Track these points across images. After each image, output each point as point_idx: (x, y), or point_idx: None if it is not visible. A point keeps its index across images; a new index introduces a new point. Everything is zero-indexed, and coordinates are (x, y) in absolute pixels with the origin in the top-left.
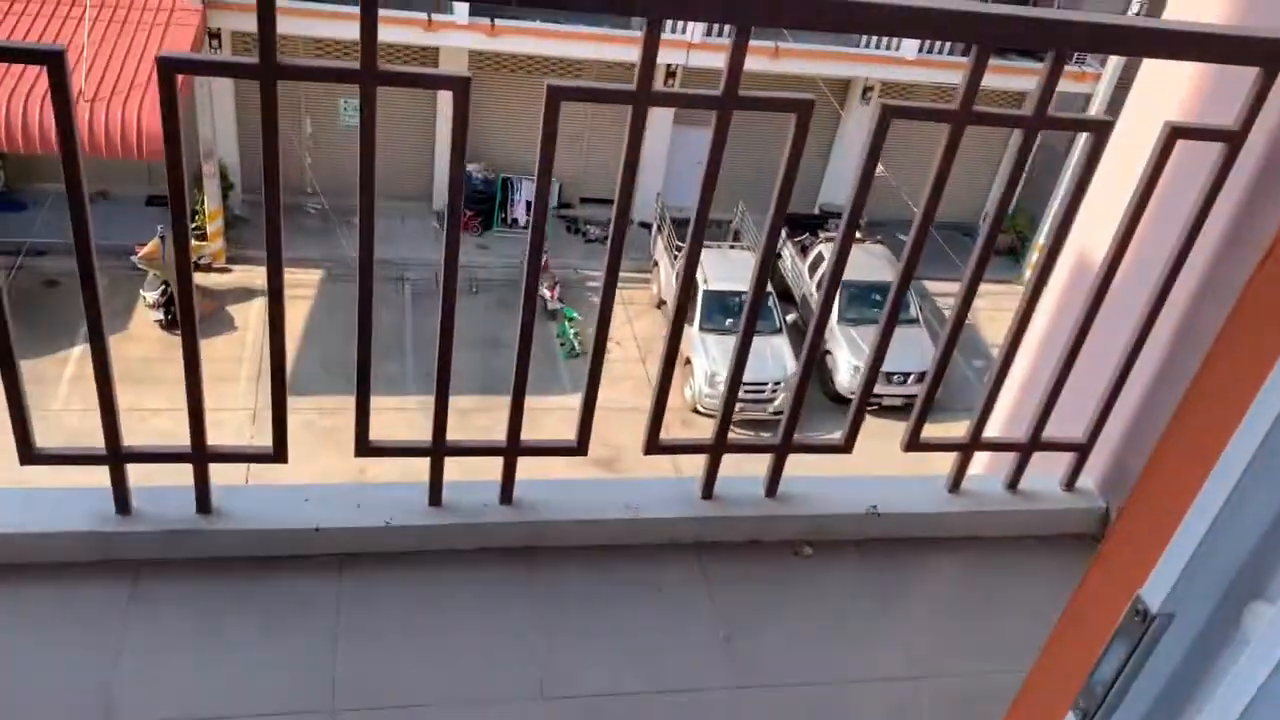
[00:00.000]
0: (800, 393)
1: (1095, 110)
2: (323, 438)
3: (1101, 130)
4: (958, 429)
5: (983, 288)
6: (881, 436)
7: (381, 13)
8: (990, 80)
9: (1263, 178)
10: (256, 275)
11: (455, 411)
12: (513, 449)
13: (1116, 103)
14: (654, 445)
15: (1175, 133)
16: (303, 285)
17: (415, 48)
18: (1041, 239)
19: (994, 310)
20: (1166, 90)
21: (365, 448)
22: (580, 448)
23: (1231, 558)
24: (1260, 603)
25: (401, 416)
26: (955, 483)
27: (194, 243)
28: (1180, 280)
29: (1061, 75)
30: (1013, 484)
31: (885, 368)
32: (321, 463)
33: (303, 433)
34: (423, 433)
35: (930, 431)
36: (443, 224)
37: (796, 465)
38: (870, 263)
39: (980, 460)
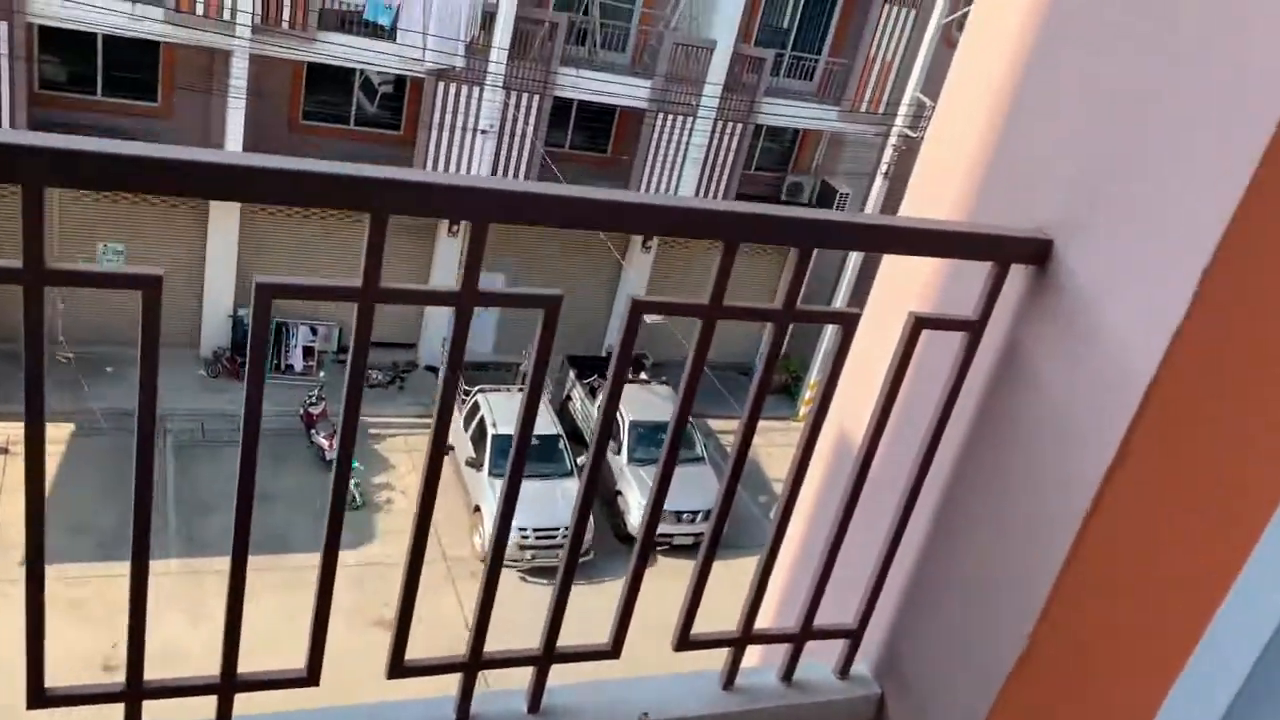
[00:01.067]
0: (565, 587)
1: (840, 303)
2: (69, 611)
3: (849, 322)
4: (747, 565)
5: (760, 424)
6: (671, 576)
7: None
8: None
9: (1001, 363)
10: None
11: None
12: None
13: (860, 294)
14: (398, 668)
15: (920, 322)
16: (49, 441)
17: None
18: (814, 377)
19: (771, 446)
20: (910, 282)
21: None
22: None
23: None
24: None
25: (164, 580)
26: (729, 679)
27: None
28: (936, 463)
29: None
30: (787, 675)
31: (673, 506)
32: (64, 642)
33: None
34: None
35: (719, 572)
36: (211, 372)
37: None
38: (656, 403)
39: (756, 648)
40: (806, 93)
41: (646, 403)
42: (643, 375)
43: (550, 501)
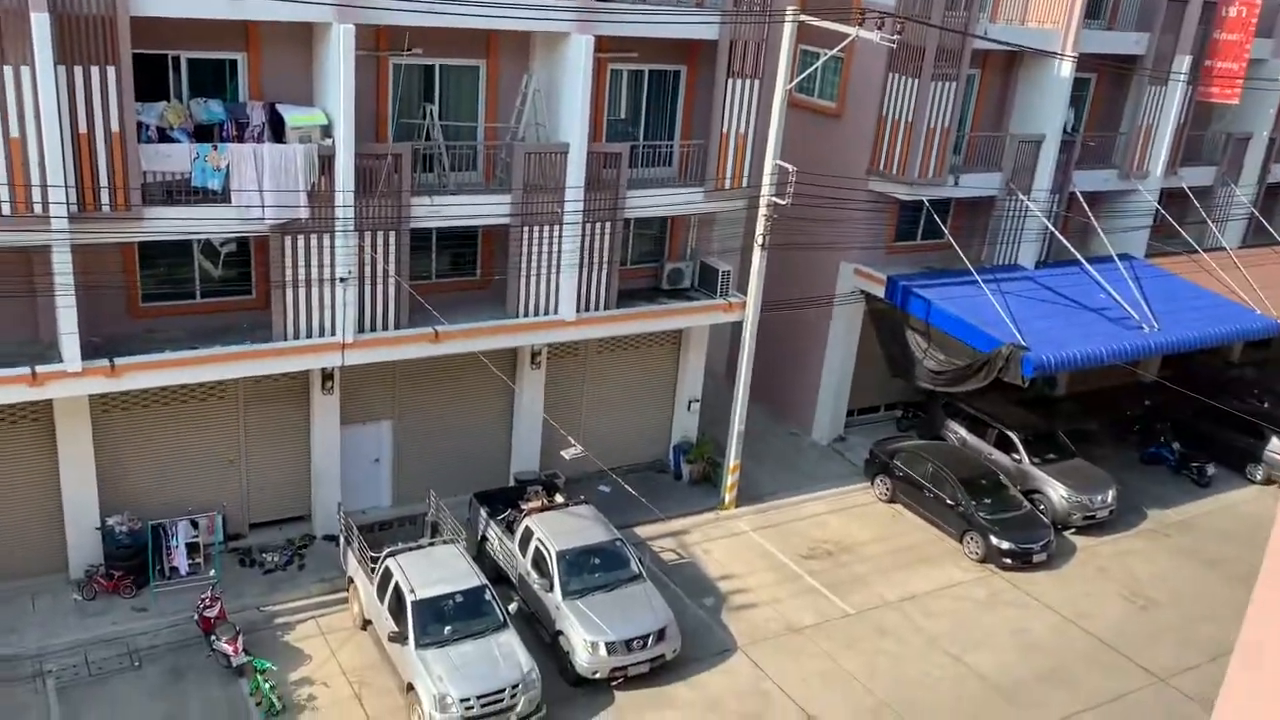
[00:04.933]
0: None
1: None
2: None
3: None
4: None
5: (689, 522)
6: (635, 714)
7: None
8: None
9: None
10: None
11: None
12: None
13: None
14: None
15: None
16: None
17: (24, 405)
18: (732, 461)
19: (707, 542)
20: None
21: None
22: None
23: None
24: None
25: None
26: None
27: None
28: None
29: None
30: None
31: (623, 635)
32: None
33: None
34: None
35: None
36: (86, 594)
37: None
38: (581, 526)
39: None
40: (669, 179)
41: (570, 528)
42: (559, 498)
43: (489, 662)
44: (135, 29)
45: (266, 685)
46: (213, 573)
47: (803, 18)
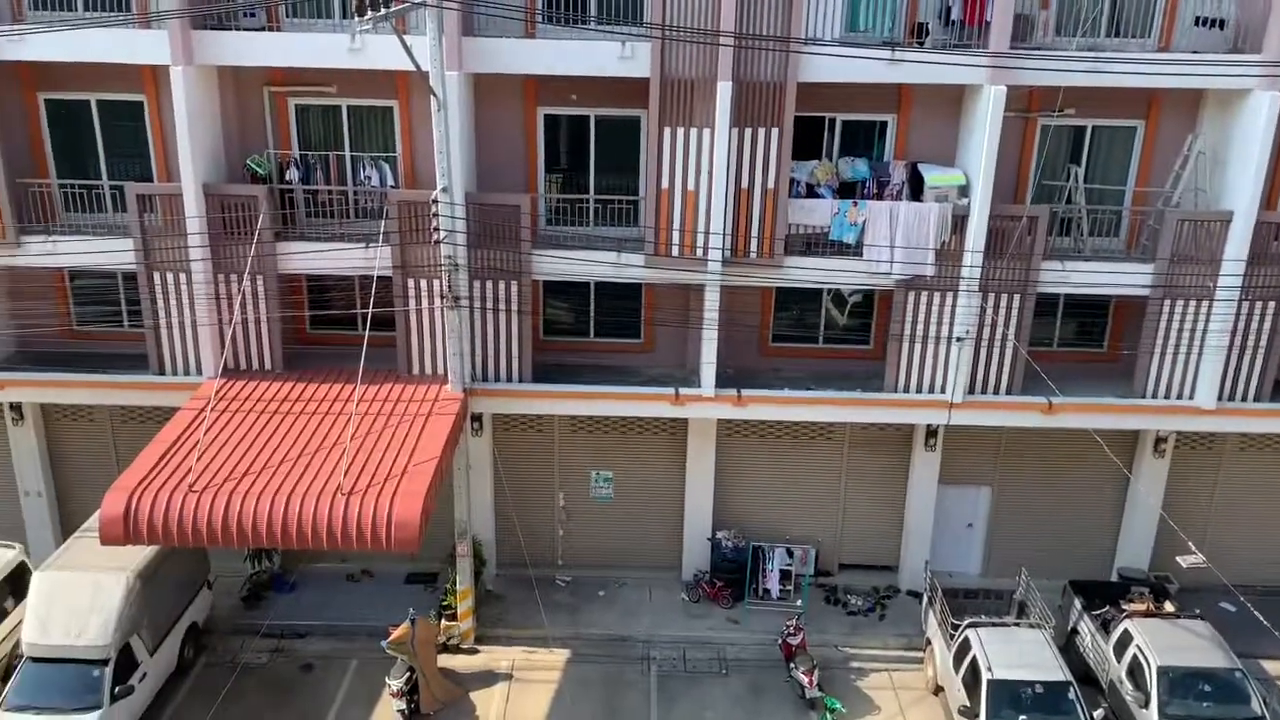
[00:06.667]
0: None
1: None
2: None
3: None
4: None
5: None
6: None
7: (631, 389)
8: None
9: None
10: (502, 656)
11: None
12: None
13: None
14: None
15: None
16: (546, 668)
17: (666, 420)
18: None
19: None
20: None
21: None
22: None
23: None
24: None
25: None
26: None
27: (444, 623)
28: None
29: None
30: None
31: None
32: None
33: None
34: None
35: None
36: (691, 596)
37: None
38: (1192, 643)
39: None
40: None
41: (1179, 643)
42: (1168, 606)
43: None
44: (799, 94)
45: None
46: (800, 602)
47: None
